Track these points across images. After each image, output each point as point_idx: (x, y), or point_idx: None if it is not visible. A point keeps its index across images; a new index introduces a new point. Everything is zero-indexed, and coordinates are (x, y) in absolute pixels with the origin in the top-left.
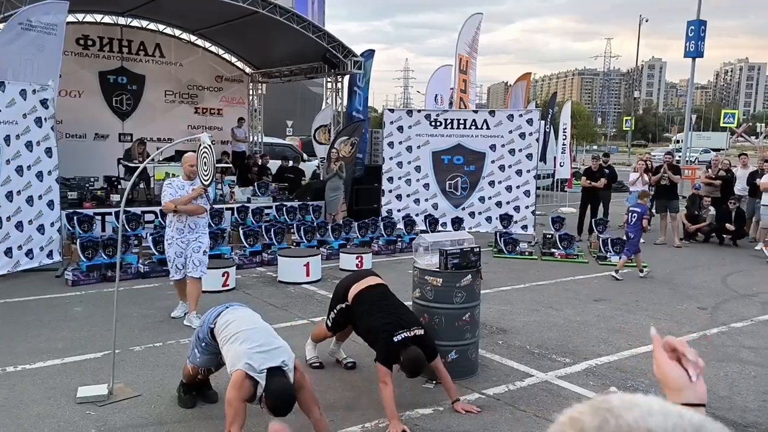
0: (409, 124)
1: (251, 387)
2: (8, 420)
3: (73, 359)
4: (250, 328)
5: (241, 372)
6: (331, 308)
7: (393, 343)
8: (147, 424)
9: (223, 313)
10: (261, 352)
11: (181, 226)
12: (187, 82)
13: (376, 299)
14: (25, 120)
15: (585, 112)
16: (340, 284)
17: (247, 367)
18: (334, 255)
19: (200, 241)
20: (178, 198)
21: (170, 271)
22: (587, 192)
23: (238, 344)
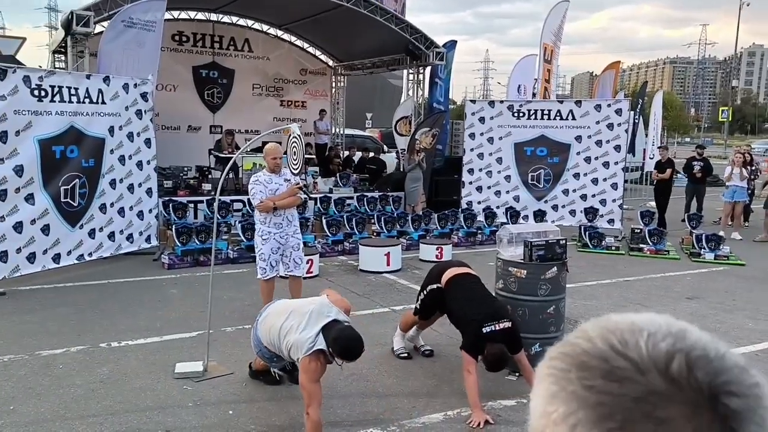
0: (491, 115)
1: (320, 361)
2: (114, 391)
3: (170, 337)
4: (284, 320)
5: (304, 359)
6: (422, 289)
7: (481, 333)
8: (239, 401)
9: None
10: (305, 329)
11: (279, 220)
12: (273, 76)
13: (469, 287)
14: (127, 112)
15: (677, 102)
16: (435, 267)
17: (304, 352)
18: (414, 246)
19: (298, 237)
20: (274, 196)
21: (259, 270)
22: (659, 186)
23: (288, 339)
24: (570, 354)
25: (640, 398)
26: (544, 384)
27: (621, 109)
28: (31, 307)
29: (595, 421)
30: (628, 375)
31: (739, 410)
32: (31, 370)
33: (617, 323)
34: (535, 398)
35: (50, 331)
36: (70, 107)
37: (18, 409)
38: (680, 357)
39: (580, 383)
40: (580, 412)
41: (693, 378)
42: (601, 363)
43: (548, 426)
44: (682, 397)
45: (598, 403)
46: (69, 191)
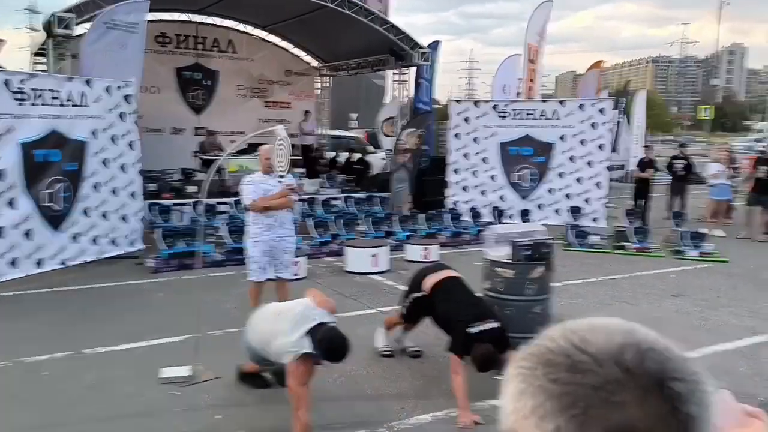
0: (476, 115)
1: (305, 367)
2: (101, 397)
3: (156, 342)
4: (272, 325)
5: (290, 364)
6: (405, 297)
7: (468, 334)
8: (229, 405)
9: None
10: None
11: (271, 221)
12: (257, 77)
13: (453, 290)
14: (110, 115)
15: (659, 100)
16: (417, 274)
17: (290, 355)
18: (401, 246)
19: (290, 240)
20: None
21: (251, 273)
22: (639, 184)
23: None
24: (535, 354)
25: (599, 386)
26: (512, 384)
27: (604, 108)
28: (15, 313)
29: (561, 409)
30: (588, 367)
31: (682, 393)
32: (15, 377)
33: (577, 325)
34: (504, 398)
35: (34, 337)
36: (53, 110)
37: (2, 417)
38: (632, 349)
39: (545, 378)
40: (547, 403)
41: (644, 367)
42: (564, 359)
43: (517, 421)
44: (635, 383)
45: (562, 393)
46: (52, 195)
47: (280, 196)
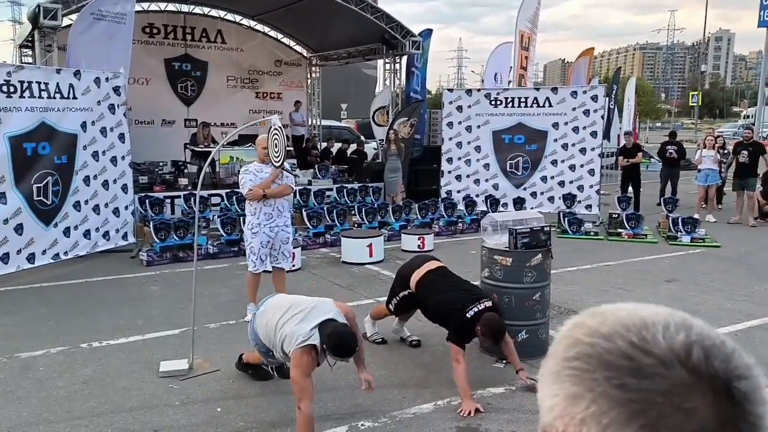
0: (469, 104)
1: (311, 357)
2: (98, 392)
3: (153, 335)
4: (282, 314)
5: (296, 351)
6: (393, 294)
7: (466, 319)
8: (227, 398)
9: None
10: (301, 321)
11: (270, 210)
12: (247, 67)
13: (440, 280)
14: (99, 107)
15: (648, 87)
16: (400, 272)
17: (297, 344)
18: (396, 236)
19: (288, 230)
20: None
21: (249, 263)
22: (626, 171)
23: (282, 331)
24: (591, 354)
25: (669, 392)
26: (562, 385)
27: (597, 95)
28: (8, 308)
29: (630, 418)
30: (655, 371)
31: (748, 392)
32: (10, 374)
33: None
34: (550, 397)
35: (29, 333)
36: (41, 103)
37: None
38: (697, 348)
39: (608, 383)
40: (613, 412)
41: (711, 367)
42: (627, 362)
43: (570, 425)
44: (704, 386)
45: (629, 400)
46: (42, 189)
47: (268, 183)
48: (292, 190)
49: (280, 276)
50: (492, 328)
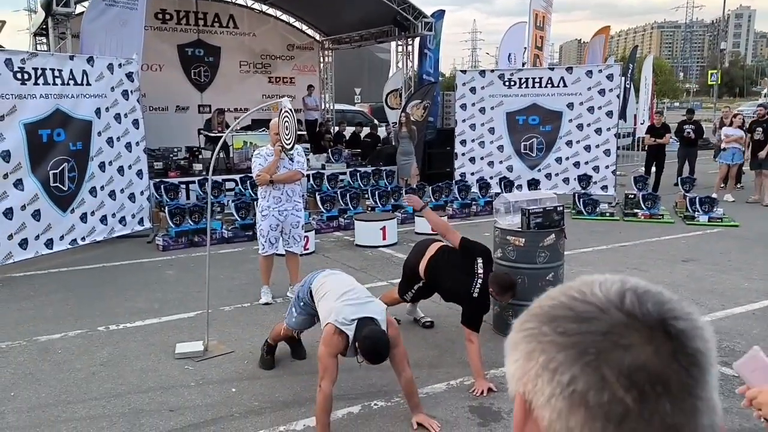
0: (482, 85)
1: (341, 341)
2: (115, 373)
3: (168, 318)
4: (343, 286)
5: (331, 326)
6: (407, 287)
7: (474, 298)
8: (241, 378)
9: (322, 275)
10: (351, 305)
11: (279, 193)
12: (260, 52)
13: (443, 265)
14: (113, 93)
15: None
16: (407, 264)
17: (335, 320)
18: (409, 219)
19: (298, 215)
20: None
21: (259, 246)
22: (652, 150)
23: (331, 300)
24: (538, 314)
25: (607, 331)
26: (519, 349)
27: (612, 74)
28: (26, 293)
29: (574, 358)
30: (593, 315)
31: (685, 329)
32: (29, 356)
33: (571, 283)
34: (512, 364)
35: (47, 317)
36: (55, 89)
37: (19, 395)
38: (630, 294)
39: (554, 332)
40: (559, 356)
41: (645, 308)
42: (568, 311)
43: (529, 382)
44: (639, 325)
45: (572, 343)
46: (58, 175)
47: (273, 165)
48: (302, 176)
49: (293, 260)
50: (502, 284)
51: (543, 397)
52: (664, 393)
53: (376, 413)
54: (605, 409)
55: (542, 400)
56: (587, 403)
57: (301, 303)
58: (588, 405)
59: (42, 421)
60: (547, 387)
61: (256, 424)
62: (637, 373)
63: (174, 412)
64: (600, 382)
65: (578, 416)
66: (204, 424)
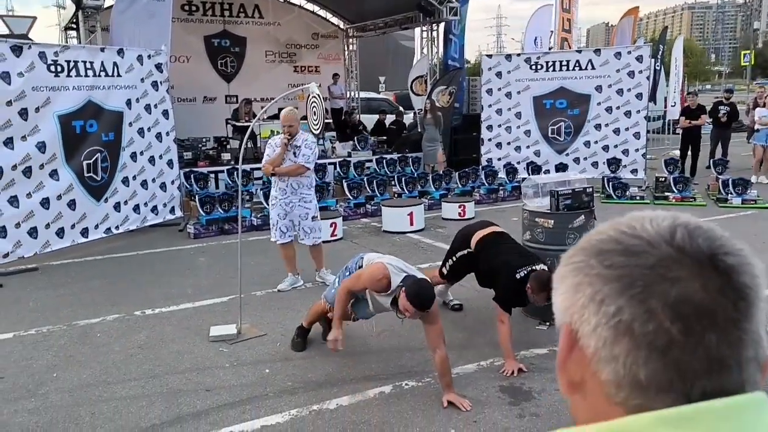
0: (508, 69)
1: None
2: (152, 355)
3: (202, 303)
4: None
5: (380, 265)
6: (451, 254)
7: (516, 279)
8: (275, 360)
9: (371, 253)
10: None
11: (283, 185)
12: (285, 41)
13: (499, 243)
14: (143, 84)
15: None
16: (461, 232)
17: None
18: (436, 205)
19: (306, 207)
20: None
21: (272, 235)
22: (687, 133)
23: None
24: (586, 248)
25: (655, 265)
26: (566, 282)
27: (642, 55)
28: (64, 280)
29: (620, 290)
30: (641, 249)
31: (735, 265)
32: (70, 340)
33: (621, 218)
34: (559, 296)
35: (85, 302)
36: (87, 81)
37: (61, 376)
38: (681, 229)
39: (601, 265)
40: (605, 288)
41: (695, 244)
42: (616, 245)
43: (575, 313)
44: (688, 260)
45: (619, 276)
46: (91, 166)
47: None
48: (306, 169)
49: (314, 249)
50: (541, 281)
51: (589, 326)
52: (710, 325)
53: (407, 392)
54: (650, 338)
55: (588, 330)
56: (632, 333)
57: (347, 273)
58: (633, 334)
59: (84, 400)
60: (593, 317)
61: (290, 402)
62: (683, 305)
63: (210, 391)
64: (646, 314)
65: (623, 345)
66: (239, 403)
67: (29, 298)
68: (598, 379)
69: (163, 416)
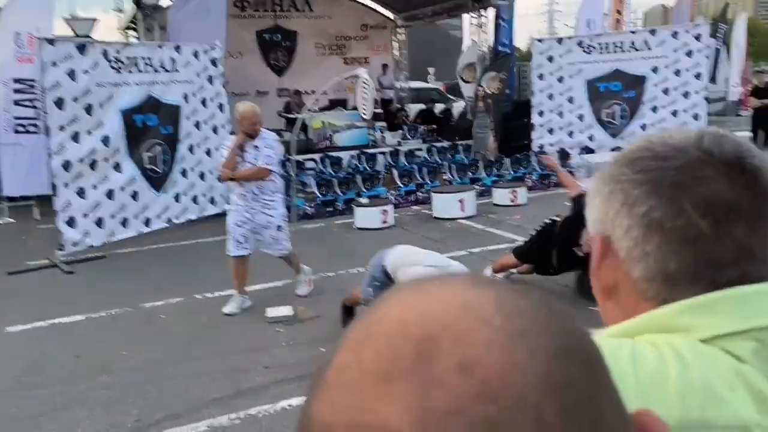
0: (560, 53)
1: None
2: (214, 336)
3: (258, 287)
4: (424, 253)
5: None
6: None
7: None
8: (330, 339)
9: (393, 251)
10: (434, 267)
11: (243, 190)
12: (335, 34)
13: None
14: (199, 79)
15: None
16: None
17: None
18: (487, 192)
19: (268, 214)
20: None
21: (227, 246)
22: (759, 113)
23: (413, 267)
24: (618, 160)
25: (683, 167)
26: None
27: (700, 34)
28: (129, 266)
29: (650, 192)
30: (670, 154)
31: (760, 166)
32: (136, 321)
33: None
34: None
35: (149, 287)
36: (147, 77)
37: (130, 355)
38: (708, 136)
39: (632, 172)
40: (636, 191)
41: (722, 148)
42: (646, 152)
43: (608, 221)
44: (716, 161)
45: (649, 179)
46: (152, 158)
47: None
48: (269, 172)
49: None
50: None
51: (621, 230)
52: (737, 219)
53: None
54: (680, 232)
55: (621, 233)
56: (662, 229)
57: (377, 284)
58: (663, 230)
59: (153, 377)
60: (624, 220)
61: None
62: (711, 201)
63: (269, 368)
64: (676, 210)
65: (654, 241)
66: (297, 379)
67: (97, 283)
68: (630, 278)
69: (226, 391)
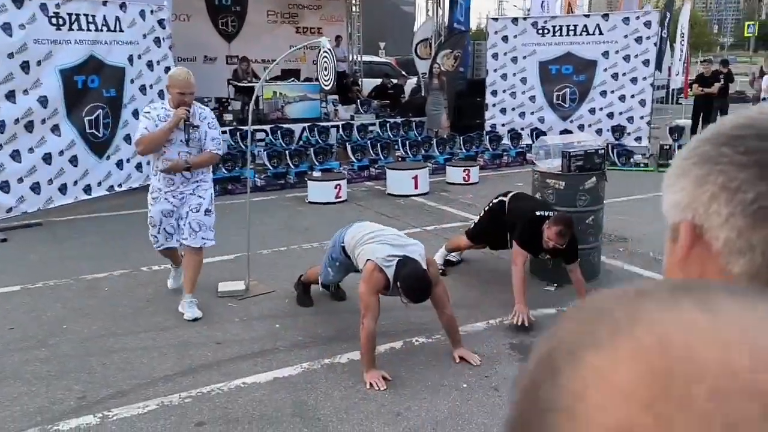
0: (515, 34)
1: (381, 279)
2: (161, 309)
3: (209, 260)
4: (379, 230)
5: (371, 264)
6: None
7: (535, 216)
8: (283, 316)
9: (350, 229)
10: (389, 244)
11: (171, 174)
12: (288, 2)
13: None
14: (145, 40)
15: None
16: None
17: (375, 258)
18: (440, 170)
19: (200, 196)
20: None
21: (151, 238)
22: (700, 100)
23: (368, 242)
24: (711, 138)
25: None
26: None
27: (650, 21)
28: (69, 236)
29: (759, 175)
30: None
31: None
32: (77, 293)
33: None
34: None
35: (90, 258)
36: (89, 35)
37: (71, 328)
38: None
39: (734, 152)
40: (741, 175)
41: None
42: (749, 130)
43: (700, 206)
44: None
45: (755, 161)
46: (93, 122)
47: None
48: (219, 159)
49: (190, 258)
50: (560, 217)
51: (719, 218)
52: None
53: (418, 348)
54: None
55: (718, 222)
56: None
57: (336, 263)
58: None
59: (95, 351)
60: (724, 207)
61: (301, 356)
62: None
63: (221, 344)
64: None
65: (762, 232)
66: (251, 356)
67: (34, 252)
68: (726, 273)
69: (176, 367)
